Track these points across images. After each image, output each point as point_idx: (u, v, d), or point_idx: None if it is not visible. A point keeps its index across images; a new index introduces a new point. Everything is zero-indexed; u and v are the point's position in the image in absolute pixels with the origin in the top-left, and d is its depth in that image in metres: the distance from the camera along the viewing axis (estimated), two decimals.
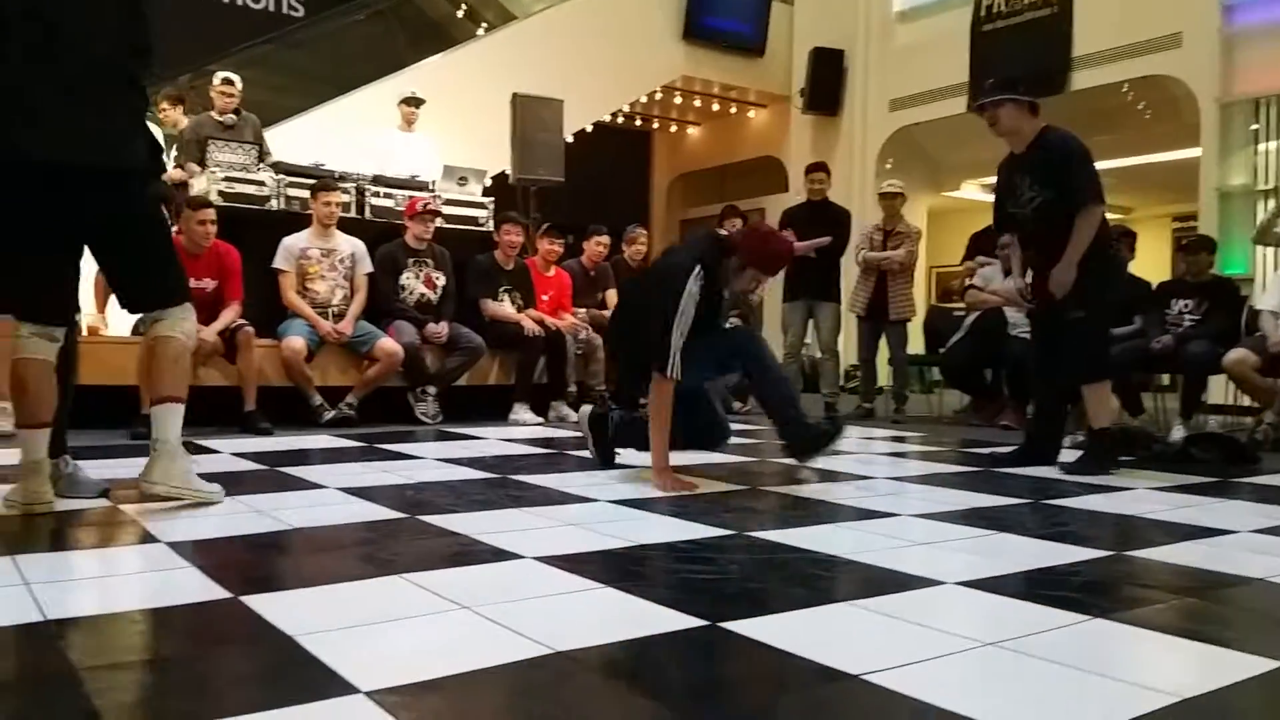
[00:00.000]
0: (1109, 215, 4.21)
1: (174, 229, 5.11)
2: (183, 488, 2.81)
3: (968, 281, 6.96)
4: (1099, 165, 4.07)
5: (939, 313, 8.52)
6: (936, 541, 2.59)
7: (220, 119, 6.58)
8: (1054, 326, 4.13)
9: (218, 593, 1.92)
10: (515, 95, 8.16)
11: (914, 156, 11.49)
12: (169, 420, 2.82)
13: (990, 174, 4.57)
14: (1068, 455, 4.29)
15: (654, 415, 3.43)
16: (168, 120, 6.86)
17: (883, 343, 7.03)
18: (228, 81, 6.65)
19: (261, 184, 5.99)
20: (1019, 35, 9.70)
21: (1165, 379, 6.71)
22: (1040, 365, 4.38)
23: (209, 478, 3.46)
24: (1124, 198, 13.37)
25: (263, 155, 6.54)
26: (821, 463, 3.96)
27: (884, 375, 7.31)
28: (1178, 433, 5.35)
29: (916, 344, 7.43)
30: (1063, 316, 4.04)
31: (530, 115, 8.13)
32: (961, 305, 7.45)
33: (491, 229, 6.61)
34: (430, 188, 6.63)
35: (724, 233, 3.75)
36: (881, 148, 11.24)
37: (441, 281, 6.10)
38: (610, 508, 2.98)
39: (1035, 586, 2.13)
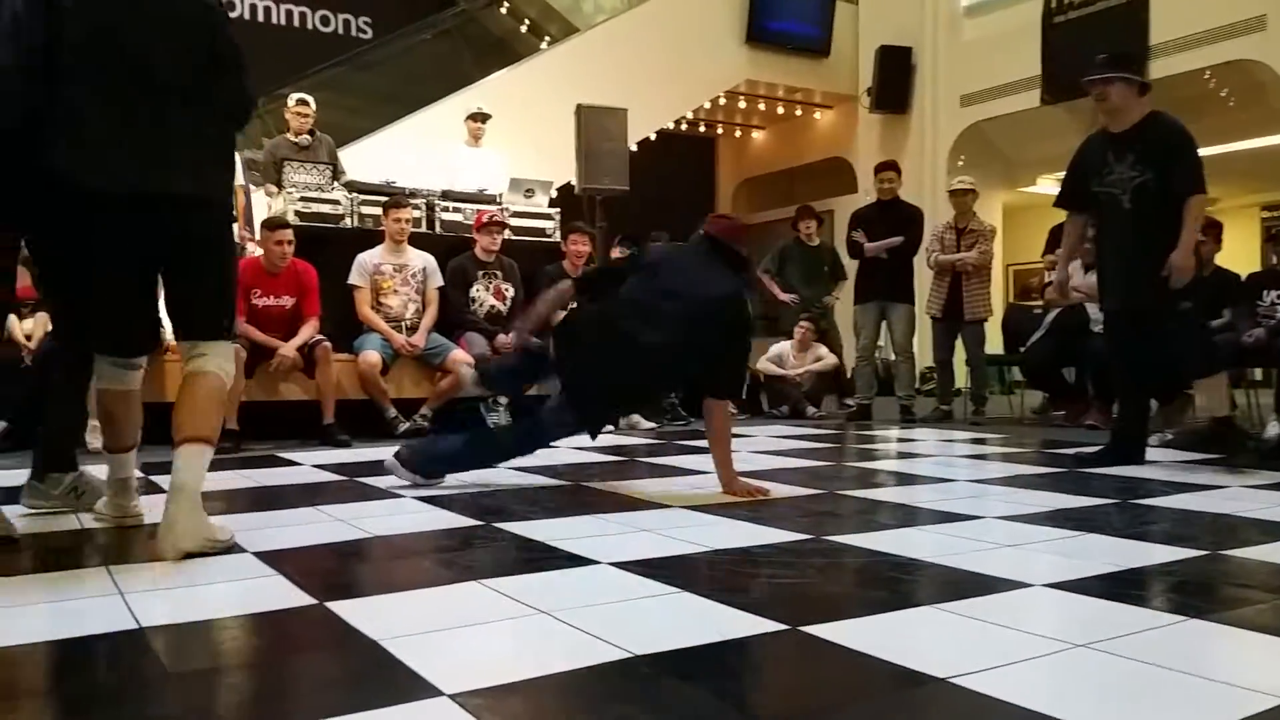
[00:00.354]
0: None
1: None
2: (212, 540, 2.40)
3: (1048, 276, 6.81)
4: None
5: (1018, 311, 8.33)
6: (1021, 543, 2.52)
7: (295, 140, 6.74)
8: (1151, 321, 4.00)
9: (303, 599, 1.96)
10: (579, 106, 8.21)
11: (986, 153, 11.28)
12: (194, 464, 2.43)
13: (1064, 167, 4.46)
14: (1155, 454, 4.15)
15: (722, 438, 3.41)
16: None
17: (959, 343, 6.90)
18: (302, 102, 6.80)
19: (336, 203, 6.12)
20: (1093, 25, 9.47)
21: (1258, 373, 6.47)
22: (1131, 363, 4.24)
23: (294, 491, 3.56)
24: (1209, 187, 12.94)
25: (337, 174, 6.69)
26: (899, 465, 3.89)
27: (961, 376, 7.17)
28: (1273, 429, 5.14)
29: (995, 344, 7.28)
30: (1166, 310, 3.91)
31: (594, 125, 8.17)
32: (1040, 303, 7.29)
33: (559, 239, 6.66)
34: (498, 200, 6.70)
35: (705, 230, 3.62)
36: (953, 145, 11.05)
37: (511, 293, 6.17)
38: (684, 513, 2.97)
39: (1126, 587, 2.06)
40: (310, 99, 6.90)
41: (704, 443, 5.16)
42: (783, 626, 1.74)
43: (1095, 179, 4.11)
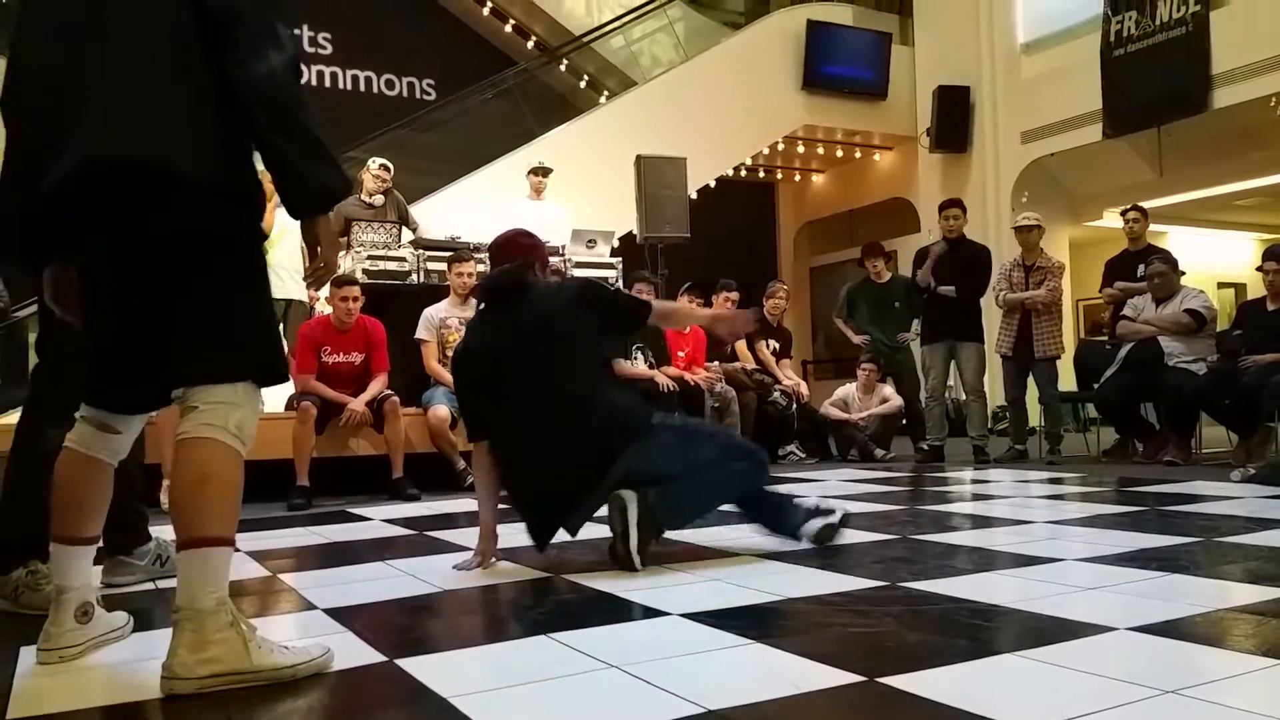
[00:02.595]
0: (1267, 236, 4.00)
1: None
2: (229, 673, 1.73)
3: (1111, 310, 6.67)
4: (1246, 184, 3.92)
5: (1089, 346, 8.14)
6: (1103, 586, 2.43)
7: (369, 200, 6.91)
8: None
9: (373, 656, 1.96)
10: (639, 157, 8.30)
11: (1050, 188, 11.13)
12: (189, 577, 1.76)
13: (1130, 200, 4.39)
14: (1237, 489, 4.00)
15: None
16: None
17: (1031, 382, 6.75)
18: (384, 167, 7.03)
19: (402, 259, 6.25)
20: (1153, 57, 9.34)
21: None
22: None
23: (364, 546, 3.57)
24: (1273, 216, 12.62)
25: (411, 227, 6.87)
26: (974, 508, 3.80)
27: (1034, 415, 7.01)
28: None
29: (1068, 381, 7.12)
30: None
31: (654, 175, 8.24)
32: (1107, 338, 7.13)
33: (622, 288, 6.70)
34: (560, 252, 6.78)
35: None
36: (1015, 181, 10.93)
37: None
38: (754, 561, 2.92)
39: (1217, 630, 1.98)
40: (389, 164, 7.10)
41: (775, 488, 5.11)
42: (859, 678, 1.69)
43: None
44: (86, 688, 1.83)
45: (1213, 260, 12.78)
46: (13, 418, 6.45)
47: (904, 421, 7.34)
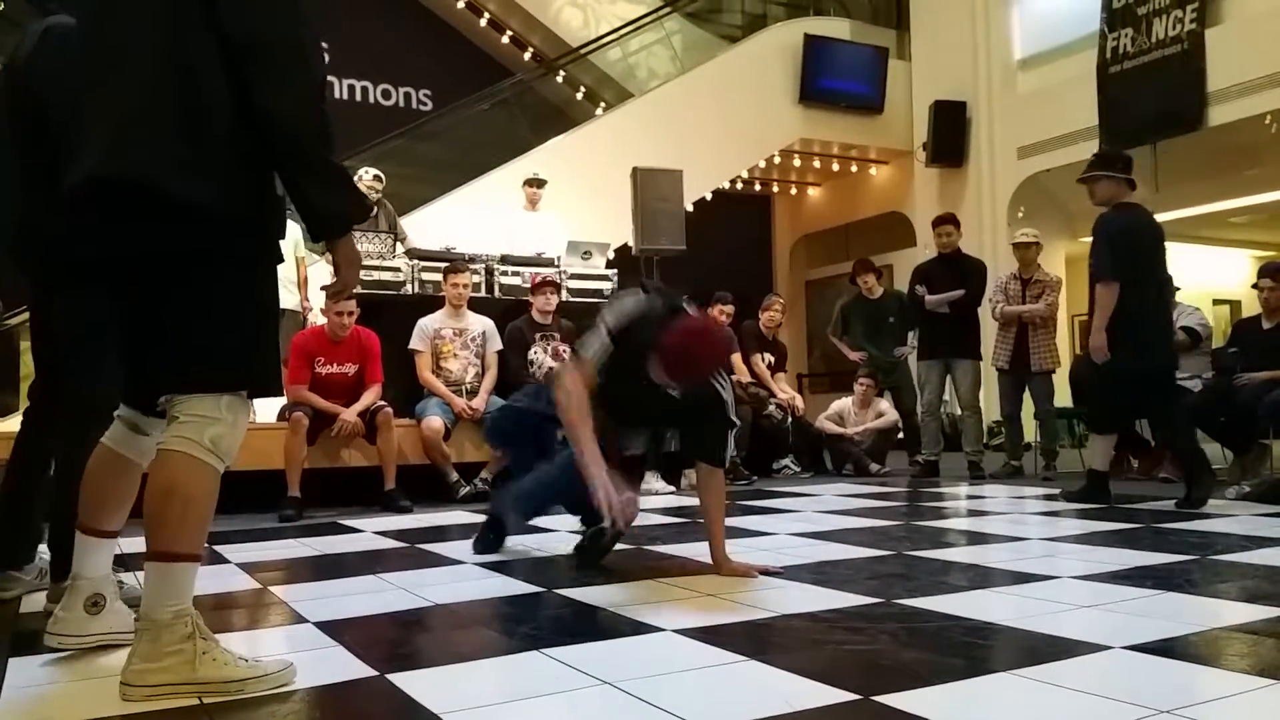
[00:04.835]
0: (1262, 253, 4.06)
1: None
2: (179, 683, 1.75)
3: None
4: (1241, 202, 3.98)
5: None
6: (1099, 604, 2.42)
7: None
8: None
9: (365, 671, 1.94)
10: (635, 169, 8.29)
11: (1047, 204, 11.14)
12: (151, 588, 1.79)
13: None
14: (1233, 507, 3.99)
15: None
16: None
17: (1027, 397, 6.75)
18: (377, 178, 7.02)
19: (397, 270, 6.23)
20: (1149, 75, 9.37)
21: None
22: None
23: (356, 558, 3.56)
24: (1274, 233, 12.66)
25: (399, 240, 6.84)
26: (969, 524, 3.79)
27: (1030, 430, 7.00)
28: None
29: (1063, 397, 7.11)
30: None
31: (650, 187, 8.23)
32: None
33: None
34: (555, 263, 6.77)
35: (685, 303, 3.09)
36: (1012, 196, 10.96)
37: (568, 354, 6.19)
38: (747, 578, 2.90)
39: (1213, 649, 1.97)
40: (382, 175, 7.10)
41: (769, 502, 5.12)
42: (854, 696, 1.68)
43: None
44: (79, 698, 1.81)
45: (1208, 277, 12.80)
46: (5, 424, 6.41)
47: (900, 436, 7.32)
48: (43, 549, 2.69)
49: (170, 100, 1.77)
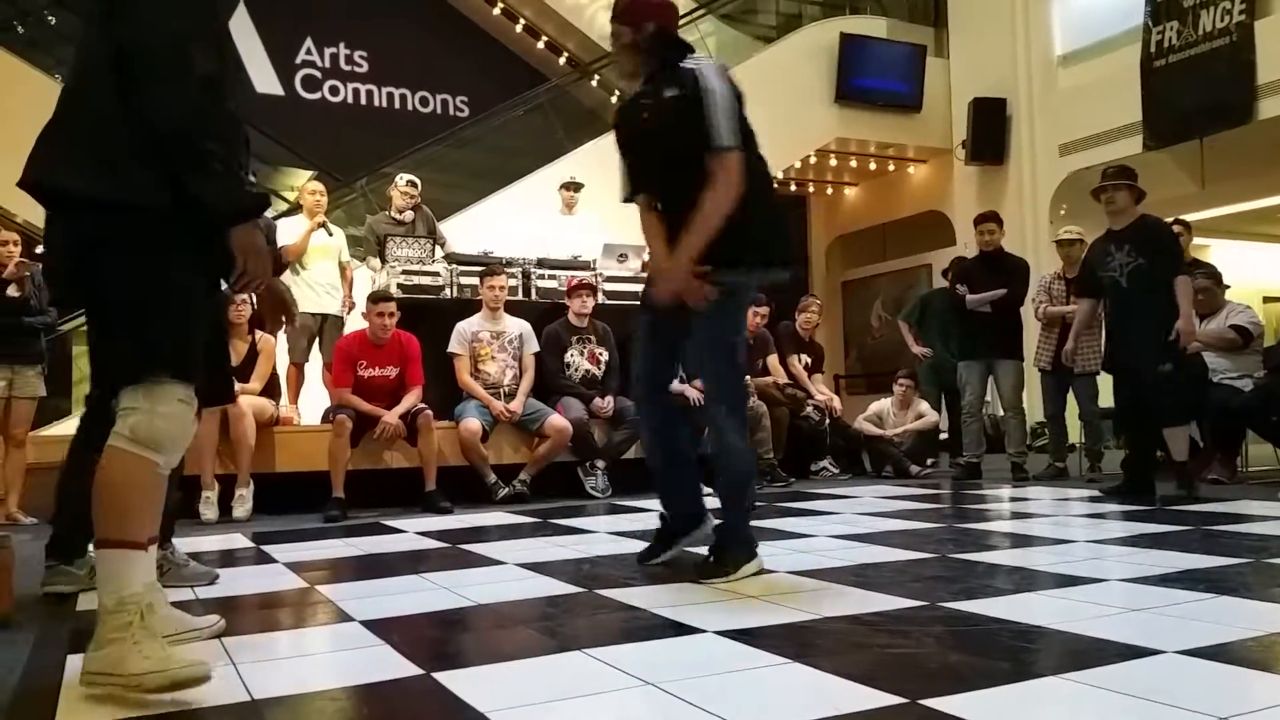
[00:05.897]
0: None
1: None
2: (139, 677, 1.76)
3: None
4: None
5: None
6: (1149, 607, 2.38)
7: (399, 217, 6.96)
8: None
9: (411, 669, 1.96)
10: None
11: (1089, 201, 10.91)
12: (101, 576, 1.87)
13: (1171, 213, 4.38)
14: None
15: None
16: None
17: (1071, 397, 6.65)
18: (412, 184, 7.07)
19: (436, 274, 6.28)
20: (1195, 68, 9.21)
21: None
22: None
23: (399, 558, 3.58)
24: None
25: (440, 244, 6.89)
26: (1013, 526, 3.73)
27: (1074, 431, 6.90)
28: None
29: (1108, 397, 7.00)
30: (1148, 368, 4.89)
31: None
32: None
33: None
34: (591, 266, 6.79)
35: None
36: (1054, 194, 10.81)
37: (605, 357, 6.21)
38: (789, 579, 2.89)
39: (1271, 654, 1.92)
40: (417, 180, 7.15)
41: (807, 504, 5.09)
42: (900, 700, 1.66)
43: (1100, 268, 5.24)
44: (134, 694, 1.84)
45: (1258, 274, 12.56)
46: (58, 428, 6.54)
47: (944, 437, 7.21)
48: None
49: (78, 106, 1.94)
